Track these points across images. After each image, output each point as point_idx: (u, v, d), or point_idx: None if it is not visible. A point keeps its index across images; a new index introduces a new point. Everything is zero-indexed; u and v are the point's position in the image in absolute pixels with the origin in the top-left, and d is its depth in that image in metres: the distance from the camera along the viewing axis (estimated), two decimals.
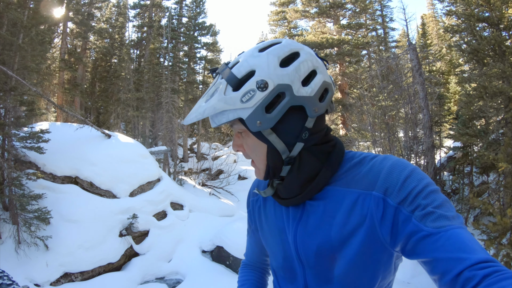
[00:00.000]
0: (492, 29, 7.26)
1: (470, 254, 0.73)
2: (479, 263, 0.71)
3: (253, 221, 1.29)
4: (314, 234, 0.97)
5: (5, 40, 7.87)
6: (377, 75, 11.59)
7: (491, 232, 5.81)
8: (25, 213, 7.38)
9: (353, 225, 0.91)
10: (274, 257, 1.12)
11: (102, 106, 20.84)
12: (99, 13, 21.74)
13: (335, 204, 0.95)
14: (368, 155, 1.00)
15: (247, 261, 1.47)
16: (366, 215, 0.89)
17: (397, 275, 6.82)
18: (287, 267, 1.07)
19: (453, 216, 0.81)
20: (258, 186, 1.27)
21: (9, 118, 7.79)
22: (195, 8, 21.76)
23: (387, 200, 0.87)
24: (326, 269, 0.97)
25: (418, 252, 0.81)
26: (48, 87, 17.72)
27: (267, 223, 1.15)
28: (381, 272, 0.94)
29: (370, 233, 0.89)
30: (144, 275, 8.12)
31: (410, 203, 0.84)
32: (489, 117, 7.44)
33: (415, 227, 0.81)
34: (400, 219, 0.85)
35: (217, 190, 15.32)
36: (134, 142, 11.56)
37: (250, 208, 1.30)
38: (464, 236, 0.76)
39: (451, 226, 0.78)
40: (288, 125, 0.94)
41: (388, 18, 22.30)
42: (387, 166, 0.91)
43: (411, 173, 0.88)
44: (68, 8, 17.79)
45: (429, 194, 0.84)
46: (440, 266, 0.76)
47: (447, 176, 10.50)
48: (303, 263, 1.01)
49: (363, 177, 0.93)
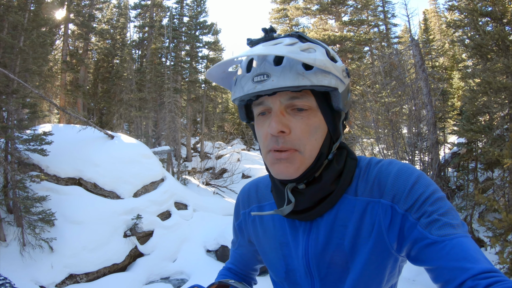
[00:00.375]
0: (495, 23, 7.20)
1: (473, 264, 0.73)
2: (482, 273, 0.71)
3: (245, 234, 1.20)
4: (327, 245, 0.94)
5: (6, 43, 7.89)
6: (380, 72, 11.54)
7: (496, 229, 5.79)
8: (29, 215, 7.41)
9: (364, 233, 0.90)
10: (275, 271, 1.08)
11: (105, 107, 20.92)
12: (100, 14, 21.80)
13: (346, 213, 0.93)
14: (372, 159, 0.98)
15: (232, 266, 1.36)
16: (375, 223, 0.89)
17: (403, 272, 6.87)
18: (291, 280, 1.04)
19: (458, 224, 0.81)
20: (249, 203, 1.16)
21: (12, 121, 7.83)
22: (196, 7, 21.75)
23: (395, 207, 0.87)
24: (336, 279, 0.95)
25: (422, 259, 0.82)
26: (50, 89, 17.78)
27: (265, 237, 1.09)
28: (386, 276, 0.94)
29: (378, 241, 0.89)
30: (149, 275, 8.14)
31: (417, 210, 0.84)
32: (494, 112, 7.39)
33: (421, 234, 0.81)
34: (406, 225, 0.85)
35: (221, 189, 15.35)
36: (137, 143, 11.59)
37: (241, 220, 1.19)
38: (468, 245, 0.77)
39: (456, 235, 0.79)
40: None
41: (390, 14, 22.25)
42: (394, 172, 0.90)
43: (417, 179, 0.87)
44: (69, 9, 17.83)
45: (435, 202, 0.84)
46: (444, 275, 0.76)
47: (451, 172, 10.44)
48: (312, 275, 0.98)
49: (371, 184, 0.92)
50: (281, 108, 0.86)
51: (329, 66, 0.82)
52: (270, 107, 0.88)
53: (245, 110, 1.00)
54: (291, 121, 0.86)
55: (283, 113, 0.86)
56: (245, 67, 0.87)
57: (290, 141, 0.86)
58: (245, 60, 0.89)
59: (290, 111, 0.87)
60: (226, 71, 0.97)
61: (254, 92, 0.83)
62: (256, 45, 0.88)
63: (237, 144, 25.55)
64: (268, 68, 0.81)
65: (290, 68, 0.80)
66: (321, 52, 0.84)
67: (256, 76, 0.82)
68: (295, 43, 0.84)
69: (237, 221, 1.22)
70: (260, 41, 0.88)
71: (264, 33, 0.90)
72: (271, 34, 0.88)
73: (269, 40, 0.87)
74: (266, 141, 0.89)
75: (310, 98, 0.86)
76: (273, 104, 0.87)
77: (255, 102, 0.91)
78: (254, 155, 22.12)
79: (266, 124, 0.89)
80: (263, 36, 0.89)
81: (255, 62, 0.85)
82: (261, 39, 0.89)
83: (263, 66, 0.82)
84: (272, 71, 0.81)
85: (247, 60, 0.88)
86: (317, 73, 0.81)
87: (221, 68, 0.94)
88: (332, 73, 0.84)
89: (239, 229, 1.22)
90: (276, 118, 0.85)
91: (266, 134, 0.88)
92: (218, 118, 26.40)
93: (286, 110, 0.87)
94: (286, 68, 0.80)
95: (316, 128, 0.88)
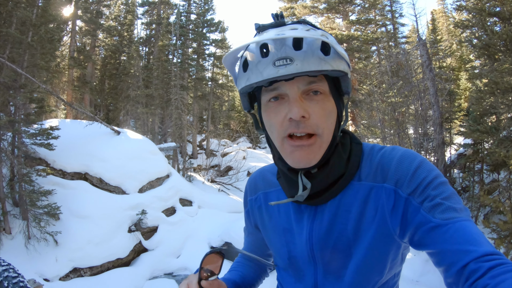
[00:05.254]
0: (503, 23, 7.14)
1: (476, 246, 0.74)
2: (485, 255, 0.73)
3: (252, 221, 1.23)
4: (331, 230, 0.95)
5: (14, 38, 7.93)
6: (386, 71, 11.50)
7: (501, 231, 5.76)
8: (35, 208, 7.46)
9: (368, 218, 0.91)
10: (279, 256, 1.09)
11: (112, 103, 20.98)
12: (107, 11, 21.82)
13: (349, 198, 0.94)
14: (375, 146, 0.99)
15: (245, 255, 1.38)
16: (378, 207, 0.90)
17: (406, 273, 6.73)
18: (294, 266, 1.05)
19: (461, 208, 0.83)
20: (256, 190, 1.18)
21: (19, 115, 7.89)
22: (204, 5, 21.73)
23: (398, 191, 0.88)
24: (339, 265, 0.96)
25: (425, 243, 0.83)
26: (58, 85, 17.90)
27: (270, 222, 1.11)
28: (389, 263, 0.94)
29: (381, 226, 0.90)
30: (152, 270, 8.18)
31: (420, 194, 0.85)
32: (501, 113, 7.33)
33: (424, 218, 0.82)
34: (409, 210, 0.86)
35: (226, 187, 15.36)
36: (143, 139, 11.63)
37: (249, 208, 1.22)
38: (471, 228, 0.78)
39: (459, 218, 0.80)
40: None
41: (397, 13, 22.08)
42: (397, 157, 0.92)
43: (420, 164, 0.89)
44: (76, 6, 17.90)
45: (438, 186, 0.85)
46: (447, 258, 0.77)
47: (457, 173, 10.39)
48: (316, 261, 0.99)
49: (374, 169, 0.93)
50: (299, 93, 0.87)
51: (343, 52, 0.86)
52: (284, 93, 0.88)
53: (249, 98, 1.00)
54: (309, 106, 0.87)
55: (301, 98, 0.87)
56: (258, 52, 0.86)
57: (310, 125, 0.87)
58: (256, 45, 0.87)
59: (306, 96, 0.88)
60: (236, 57, 0.96)
61: (277, 77, 0.82)
62: (265, 30, 0.89)
63: (243, 142, 25.53)
64: (290, 53, 0.81)
65: (312, 53, 0.81)
66: (333, 39, 0.87)
67: (278, 60, 0.82)
68: (310, 29, 0.86)
69: (246, 209, 1.25)
70: (270, 27, 0.89)
71: (274, 18, 0.90)
72: (281, 20, 0.89)
73: (279, 25, 0.88)
74: (283, 127, 0.89)
75: (324, 83, 0.89)
76: (290, 89, 0.87)
77: (267, 88, 0.90)
78: (260, 153, 22.11)
79: (280, 110, 0.89)
80: (272, 22, 0.90)
81: (272, 47, 0.83)
82: (271, 24, 0.89)
83: (284, 50, 0.82)
84: (294, 55, 0.81)
85: (258, 45, 0.86)
86: (335, 58, 0.84)
87: (235, 53, 0.93)
88: (345, 59, 0.87)
89: (247, 216, 1.26)
90: (296, 103, 0.85)
91: (283, 120, 0.88)
92: (225, 115, 26.44)
93: (303, 95, 0.87)
94: (308, 53, 0.81)
95: (330, 112, 0.90)
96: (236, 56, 0.95)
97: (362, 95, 15.09)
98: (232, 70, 0.99)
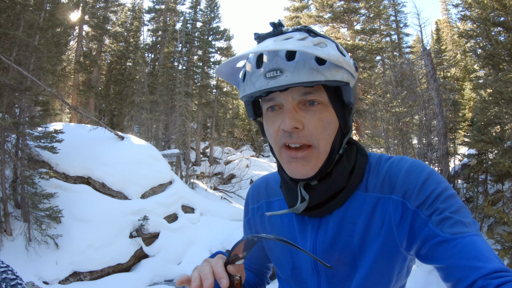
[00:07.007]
0: (508, 33, 7.14)
1: (485, 263, 0.73)
2: (493, 272, 0.71)
3: (253, 230, 1.18)
4: (336, 241, 0.92)
5: (21, 41, 8.02)
6: (391, 81, 11.49)
7: (505, 242, 5.71)
8: (37, 211, 7.48)
9: (374, 230, 0.89)
10: (282, 267, 1.06)
11: (116, 109, 21.07)
12: (114, 17, 22.04)
13: (355, 210, 0.91)
14: (382, 156, 0.97)
15: (245, 264, 1.29)
16: (384, 219, 0.88)
17: (409, 284, 6.73)
18: (297, 278, 1.02)
19: (470, 222, 0.81)
20: (258, 198, 1.15)
21: (24, 118, 7.93)
22: (210, 13, 21.91)
23: (406, 203, 0.86)
24: (344, 277, 0.93)
25: (433, 258, 0.81)
26: (63, 89, 18.03)
27: (273, 232, 1.06)
28: (395, 276, 0.92)
29: (388, 238, 0.87)
30: (153, 276, 8.14)
31: (428, 207, 0.83)
32: (505, 123, 7.30)
33: (432, 231, 0.81)
34: (417, 222, 0.84)
35: (228, 194, 15.35)
36: (146, 145, 11.67)
37: (250, 216, 1.18)
38: (480, 244, 0.76)
39: (468, 233, 0.78)
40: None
41: (402, 23, 22.12)
42: (405, 168, 0.89)
43: (429, 176, 0.86)
44: (84, 11, 18.11)
45: (447, 199, 0.83)
46: (455, 273, 0.76)
47: (461, 184, 10.32)
48: (319, 272, 0.97)
49: (381, 180, 0.91)
50: (294, 104, 0.85)
51: (341, 61, 0.81)
52: (281, 103, 0.86)
53: (253, 106, 0.98)
54: (304, 116, 0.85)
55: (296, 109, 0.85)
56: (255, 62, 0.85)
57: (304, 136, 0.85)
58: (253, 55, 0.86)
59: (302, 107, 0.85)
60: (234, 67, 0.95)
61: (267, 89, 0.81)
62: (264, 39, 0.87)
63: (246, 150, 25.54)
64: (281, 64, 0.79)
65: (304, 63, 0.79)
66: (333, 46, 0.84)
67: (269, 72, 0.80)
68: (306, 37, 0.83)
69: (246, 218, 1.21)
70: (268, 36, 0.87)
71: (273, 27, 0.88)
72: (280, 29, 0.87)
73: (278, 34, 0.86)
74: (278, 136, 0.88)
75: (322, 93, 0.85)
76: (285, 100, 0.85)
77: (265, 98, 0.89)
78: (263, 161, 22.09)
79: (277, 120, 0.88)
80: (271, 31, 0.88)
81: (266, 57, 0.82)
82: (269, 33, 0.87)
83: (275, 62, 0.80)
84: (285, 66, 0.79)
85: (255, 56, 0.86)
86: (331, 68, 0.80)
87: (230, 64, 0.92)
88: (344, 68, 0.83)
89: (248, 225, 1.21)
90: (289, 114, 0.83)
91: (278, 129, 0.87)
92: (228, 123, 26.49)
93: (298, 105, 0.85)
94: (300, 63, 0.79)
95: (329, 122, 0.87)
96: (233, 67, 0.95)
97: (366, 105, 15.07)
98: (230, 79, 0.98)
